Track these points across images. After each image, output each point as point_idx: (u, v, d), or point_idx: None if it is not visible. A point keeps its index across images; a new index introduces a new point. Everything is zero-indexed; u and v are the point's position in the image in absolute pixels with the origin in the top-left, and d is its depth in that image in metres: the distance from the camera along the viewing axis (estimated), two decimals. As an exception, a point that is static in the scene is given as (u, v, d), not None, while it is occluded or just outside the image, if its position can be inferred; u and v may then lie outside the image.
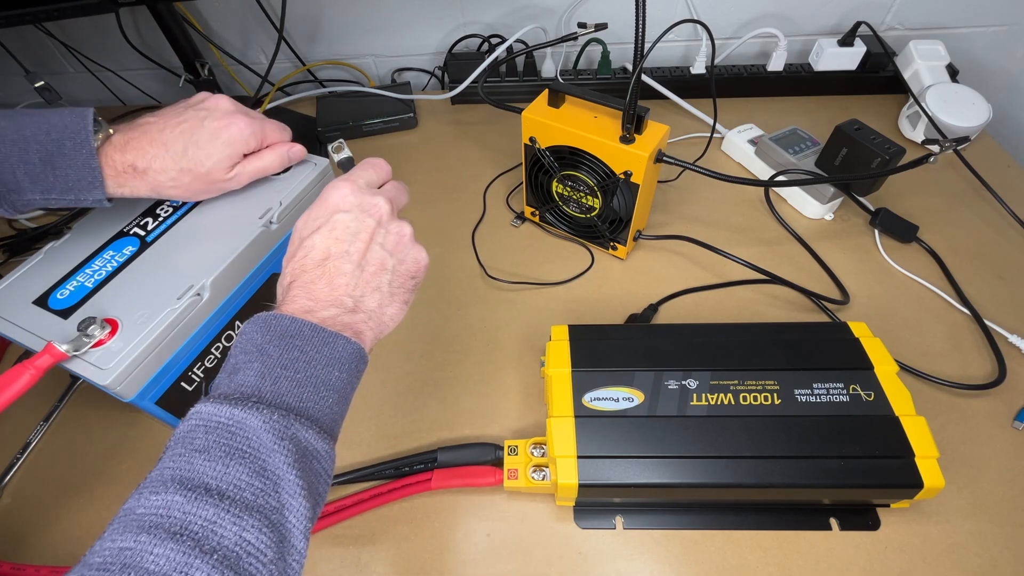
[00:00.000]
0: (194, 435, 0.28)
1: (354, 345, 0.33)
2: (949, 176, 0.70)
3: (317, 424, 0.31)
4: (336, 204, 0.37)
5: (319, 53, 0.89)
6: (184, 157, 0.42)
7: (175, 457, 0.28)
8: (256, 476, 0.27)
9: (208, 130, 0.43)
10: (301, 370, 0.31)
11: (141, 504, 0.26)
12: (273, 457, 0.28)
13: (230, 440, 0.28)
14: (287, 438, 0.29)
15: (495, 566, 0.43)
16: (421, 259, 0.39)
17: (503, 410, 0.52)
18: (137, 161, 0.42)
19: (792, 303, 0.59)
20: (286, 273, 0.36)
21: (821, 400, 0.43)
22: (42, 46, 0.87)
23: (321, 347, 0.32)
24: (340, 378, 0.33)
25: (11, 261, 0.67)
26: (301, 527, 0.28)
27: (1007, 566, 0.42)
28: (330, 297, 0.34)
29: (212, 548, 0.24)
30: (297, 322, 0.32)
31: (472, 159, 0.77)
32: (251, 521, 0.26)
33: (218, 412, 0.28)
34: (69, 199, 0.41)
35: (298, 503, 0.28)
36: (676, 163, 0.55)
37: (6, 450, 0.51)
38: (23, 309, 0.42)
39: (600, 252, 0.64)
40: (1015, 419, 0.49)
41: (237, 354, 0.32)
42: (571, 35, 0.53)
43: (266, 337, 0.32)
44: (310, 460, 0.30)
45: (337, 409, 0.33)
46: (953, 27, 0.81)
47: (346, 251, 0.35)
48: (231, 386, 0.30)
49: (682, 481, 0.40)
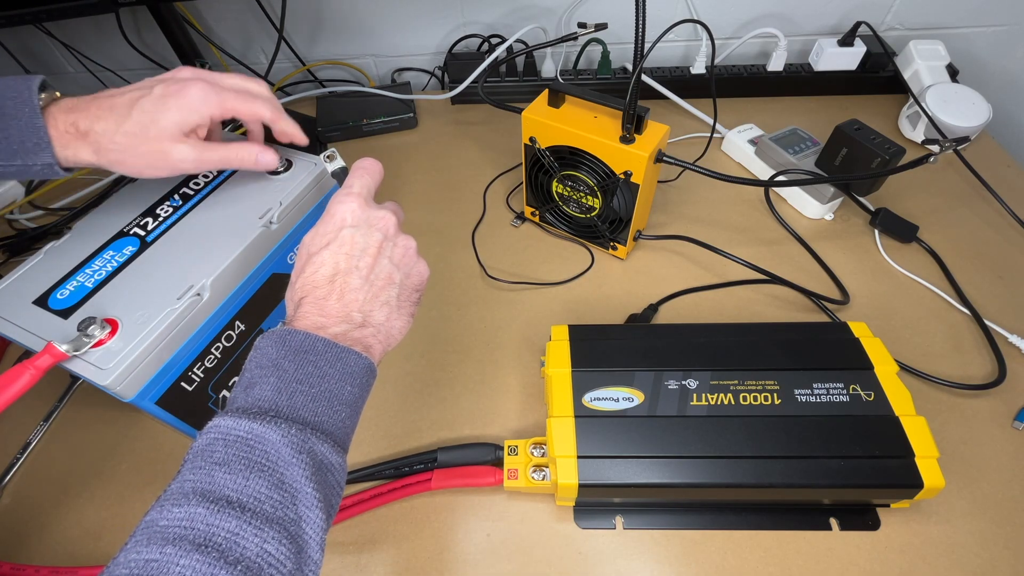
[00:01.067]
0: (213, 448, 0.29)
1: (365, 360, 0.34)
2: (949, 176, 0.70)
3: (331, 438, 0.31)
4: (343, 219, 0.37)
5: (319, 53, 0.89)
6: (128, 119, 0.39)
7: (195, 470, 0.28)
8: (275, 489, 0.28)
9: (157, 94, 0.40)
10: (316, 384, 0.32)
11: (164, 516, 0.26)
12: (291, 470, 0.28)
13: (249, 454, 0.28)
14: (304, 451, 0.29)
15: (495, 566, 0.43)
16: (424, 272, 0.40)
17: (503, 410, 0.52)
18: (80, 121, 0.39)
19: (792, 303, 0.59)
20: (296, 288, 0.36)
21: (821, 400, 0.43)
22: (42, 46, 0.87)
23: (334, 362, 0.33)
24: (352, 392, 0.33)
25: (11, 261, 0.67)
26: (317, 538, 0.29)
27: (1007, 566, 0.42)
28: (341, 313, 0.35)
29: (236, 559, 0.25)
30: (311, 338, 0.33)
31: (472, 159, 0.77)
32: (271, 533, 0.26)
33: (237, 426, 0.29)
34: (17, 164, 0.39)
35: (315, 515, 0.29)
36: (676, 163, 0.55)
37: (6, 450, 0.51)
38: (23, 309, 0.42)
39: (600, 252, 0.64)
40: (1015, 419, 0.49)
41: (253, 368, 0.32)
42: (571, 35, 0.53)
43: (281, 352, 0.32)
44: (325, 473, 0.30)
45: (349, 423, 0.34)
46: (953, 27, 0.81)
47: (355, 266, 0.36)
48: (248, 400, 0.31)
49: (682, 481, 0.40)
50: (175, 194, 0.49)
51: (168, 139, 0.40)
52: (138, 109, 0.40)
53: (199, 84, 0.41)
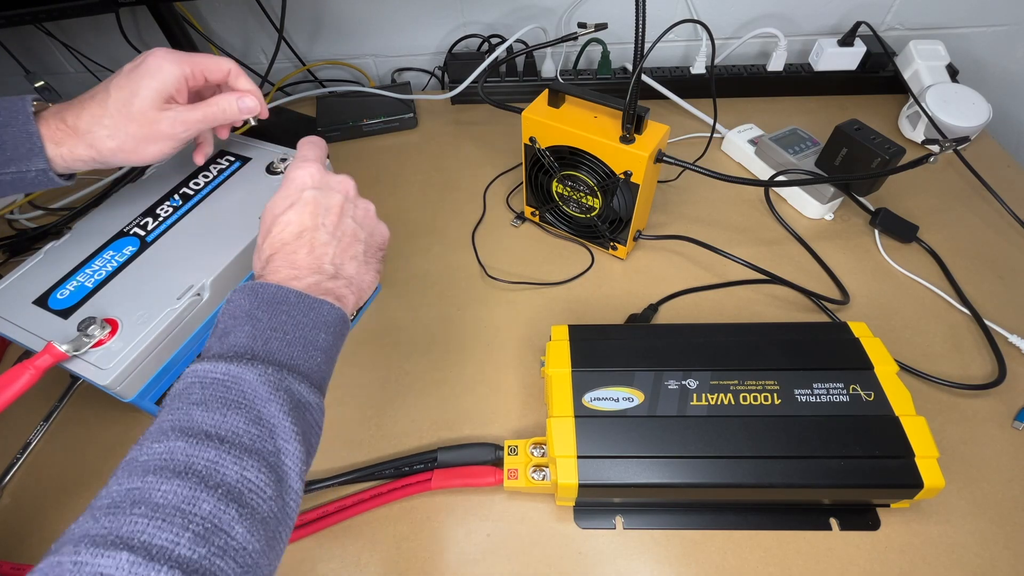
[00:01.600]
0: (191, 391, 0.30)
1: (338, 310, 0.35)
2: (949, 176, 0.70)
3: (308, 379, 0.32)
4: (304, 182, 0.38)
5: (319, 53, 0.89)
6: (108, 100, 0.40)
7: (173, 411, 0.29)
8: (253, 424, 0.29)
9: (126, 71, 0.41)
10: (290, 332, 0.33)
11: (144, 452, 0.27)
12: (268, 406, 0.29)
13: (226, 393, 0.29)
14: (281, 389, 0.30)
15: (495, 566, 0.43)
16: (386, 233, 0.42)
17: (503, 410, 0.52)
18: (68, 117, 0.40)
19: (792, 303, 0.59)
20: (263, 249, 0.37)
21: (821, 400, 0.43)
22: (42, 46, 0.87)
23: (307, 311, 0.34)
24: (326, 340, 0.34)
25: (11, 261, 0.67)
26: (297, 469, 0.30)
27: (1007, 566, 0.42)
28: (312, 265, 0.36)
29: (216, 484, 0.26)
30: (283, 290, 0.34)
31: (472, 159, 0.77)
32: (251, 462, 0.27)
33: (213, 369, 0.30)
34: (11, 172, 0.40)
35: (293, 447, 0.29)
36: (676, 163, 0.55)
37: (6, 450, 0.51)
38: (23, 309, 0.42)
39: (600, 252, 0.64)
40: (1015, 419, 0.49)
41: (226, 319, 0.33)
42: (571, 35, 0.53)
43: (254, 303, 0.33)
44: (303, 411, 0.31)
45: (324, 368, 0.34)
46: (953, 27, 0.81)
47: (321, 223, 0.37)
48: (223, 347, 0.32)
49: (682, 481, 0.40)
50: (175, 194, 0.49)
51: (151, 108, 0.41)
52: (115, 88, 0.40)
53: (159, 50, 0.42)
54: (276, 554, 0.28)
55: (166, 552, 0.23)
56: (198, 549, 0.24)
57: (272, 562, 0.28)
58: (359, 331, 0.58)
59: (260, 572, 0.26)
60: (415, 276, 0.63)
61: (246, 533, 0.26)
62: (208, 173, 0.51)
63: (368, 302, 0.60)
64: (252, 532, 0.26)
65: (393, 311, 0.60)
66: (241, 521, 0.26)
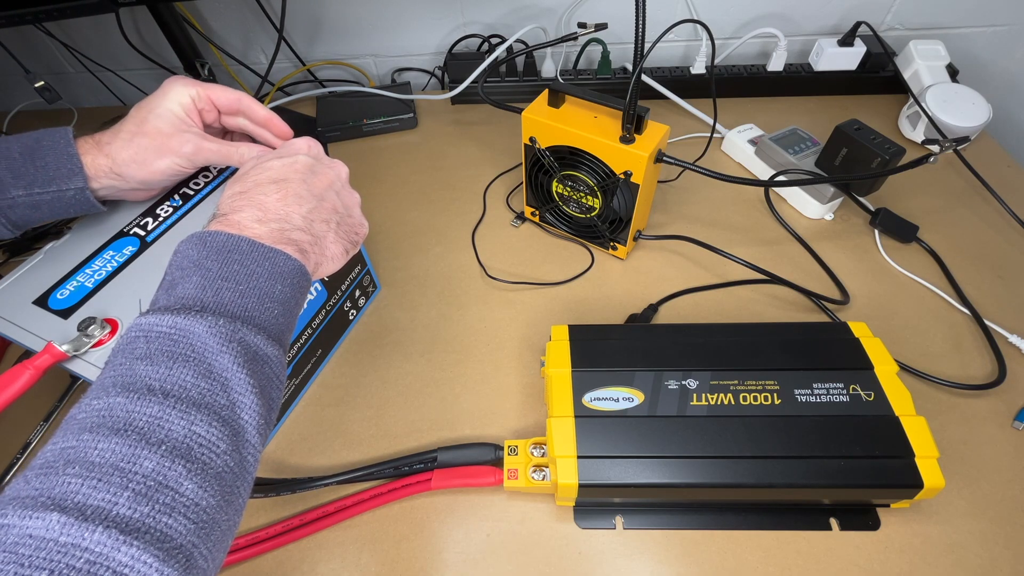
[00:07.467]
0: (135, 345, 0.28)
1: (296, 262, 0.33)
2: (949, 176, 0.70)
3: (264, 331, 0.31)
4: (300, 147, 0.39)
5: (319, 53, 0.89)
6: (129, 119, 0.43)
7: (115, 367, 0.28)
8: (202, 378, 0.27)
9: (146, 99, 0.44)
10: (243, 282, 0.31)
11: (82, 410, 0.26)
12: (220, 359, 0.28)
13: (172, 347, 0.28)
14: (234, 341, 0.29)
15: (495, 566, 0.43)
16: (365, 226, 0.42)
17: (503, 410, 0.52)
18: (97, 135, 0.43)
19: (792, 303, 0.59)
20: (234, 183, 0.36)
21: (821, 400, 0.43)
22: (42, 46, 0.87)
23: (262, 261, 0.32)
24: (283, 291, 0.32)
25: (11, 261, 0.67)
26: (255, 423, 0.28)
27: (1007, 566, 0.42)
28: (280, 212, 0.34)
29: (159, 440, 0.25)
30: (234, 238, 0.32)
31: (472, 159, 0.77)
32: (199, 416, 0.26)
33: (159, 322, 0.28)
34: (52, 191, 0.41)
35: (250, 400, 0.28)
36: (676, 163, 0.55)
37: (6, 450, 0.51)
38: (23, 309, 0.42)
39: (600, 252, 0.64)
40: (1015, 419, 0.49)
41: (173, 271, 0.32)
42: (571, 35, 0.53)
43: (203, 253, 0.31)
44: (260, 364, 0.30)
45: (283, 320, 0.33)
46: (953, 27, 0.81)
47: (304, 179, 0.36)
48: (170, 299, 0.30)
49: (682, 481, 0.40)
50: (175, 194, 0.49)
51: (165, 125, 0.43)
52: (135, 109, 0.44)
53: (177, 76, 0.45)
54: (235, 509, 0.27)
55: (102, 512, 0.22)
56: (139, 508, 0.23)
57: (231, 517, 0.27)
58: (359, 331, 0.58)
59: (218, 527, 0.26)
60: (415, 276, 0.63)
61: (197, 488, 0.25)
62: (208, 173, 0.51)
63: (368, 302, 0.60)
64: (204, 488, 0.25)
65: (393, 311, 0.60)
66: (190, 477, 0.25)
